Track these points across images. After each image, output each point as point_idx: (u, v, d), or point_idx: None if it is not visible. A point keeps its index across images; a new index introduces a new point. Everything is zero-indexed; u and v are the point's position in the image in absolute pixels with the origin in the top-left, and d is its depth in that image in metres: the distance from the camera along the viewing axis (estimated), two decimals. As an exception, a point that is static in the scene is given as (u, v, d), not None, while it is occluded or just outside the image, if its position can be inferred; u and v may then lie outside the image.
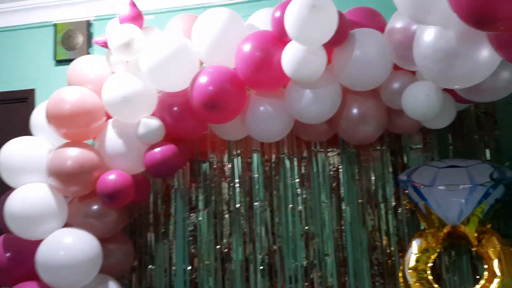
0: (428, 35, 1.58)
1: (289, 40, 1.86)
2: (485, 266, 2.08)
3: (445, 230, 2.15)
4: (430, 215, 2.20)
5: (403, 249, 2.42)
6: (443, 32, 1.53)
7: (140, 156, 2.20)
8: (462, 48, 1.50)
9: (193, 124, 2.24)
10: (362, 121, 2.17)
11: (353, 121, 2.18)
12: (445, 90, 1.96)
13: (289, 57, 1.88)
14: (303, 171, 2.61)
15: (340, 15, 1.84)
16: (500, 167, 2.20)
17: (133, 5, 2.18)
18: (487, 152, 2.45)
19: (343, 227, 2.52)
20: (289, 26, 1.78)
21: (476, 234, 2.10)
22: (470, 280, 2.34)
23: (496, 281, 1.96)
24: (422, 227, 2.38)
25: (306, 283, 2.50)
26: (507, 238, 2.13)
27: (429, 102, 1.87)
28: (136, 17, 2.17)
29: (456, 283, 2.35)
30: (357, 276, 2.46)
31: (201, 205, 2.68)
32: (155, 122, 2.14)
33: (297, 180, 2.60)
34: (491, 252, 2.05)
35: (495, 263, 2.01)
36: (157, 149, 2.16)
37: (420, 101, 1.88)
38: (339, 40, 1.90)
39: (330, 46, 1.92)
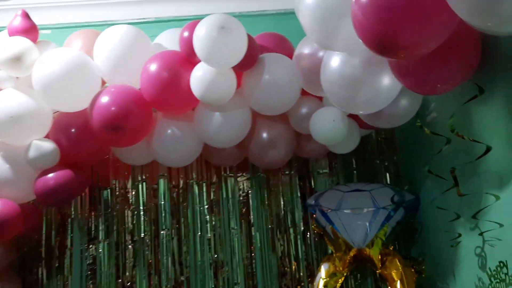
0: (334, 61, 1.61)
1: (198, 61, 1.80)
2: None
3: (351, 254, 2.19)
4: (337, 238, 2.23)
5: (312, 274, 2.42)
6: (348, 59, 1.57)
7: (30, 183, 1.97)
8: (366, 75, 1.56)
9: (93, 148, 2.06)
10: (271, 146, 2.16)
11: (263, 145, 2.16)
12: (350, 116, 2.03)
13: (198, 79, 1.81)
14: (212, 197, 2.53)
15: (250, 39, 1.83)
16: (400, 190, 2.31)
17: (26, 16, 1.98)
18: (388, 176, 2.58)
19: (253, 254, 2.47)
20: (198, 47, 1.72)
21: (379, 257, 2.16)
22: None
23: (400, 301, 2.03)
24: (330, 251, 2.41)
25: (215, 316, 2.39)
26: (407, 259, 2.22)
27: (336, 127, 1.91)
28: (29, 30, 1.97)
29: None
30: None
31: (101, 235, 2.46)
32: (48, 145, 1.93)
33: (206, 206, 2.51)
34: (394, 273, 2.12)
35: (398, 284, 2.08)
36: (50, 175, 1.94)
37: (327, 126, 1.92)
38: (248, 63, 1.88)
39: (240, 69, 1.89)
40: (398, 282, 2.08)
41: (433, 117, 2.05)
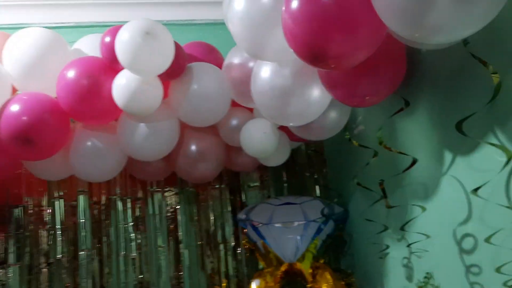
0: (264, 72, 1.57)
1: (121, 68, 1.68)
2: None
3: (283, 268, 2.14)
4: (268, 253, 2.18)
5: (244, 291, 2.35)
6: (279, 69, 1.54)
7: None
8: (297, 86, 1.53)
9: (1, 162, 1.86)
10: (201, 159, 2.07)
11: (191, 158, 2.07)
12: (281, 128, 2.00)
13: (121, 87, 1.69)
14: (137, 213, 2.38)
15: (177, 46, 1.74)
16: (329, 203, 2.31)
17: None
18: (317, 188, 2.58)
19: (181, 273, 2.34)
20: (121, 53, 1.60)
21: (310, 270, 2.14)
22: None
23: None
24: (260, 267, 2.35)
25: None
26: (337, 272, 2.22)
27: (267, 140, 1.87)
28: None
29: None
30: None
31: (11, 258, 2.22)
32: None
33: (131, 223, 2.36)
34: (324, 287, 2.10)
35: (329, 297, 2.06)
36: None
37: (258, 139, 1.87)
38: (176, 72, 1.79)
39: (167, 78, 1.80)
40: (331, 295, 2.06)
41: (361, 130, 2.08)
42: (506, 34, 1.15)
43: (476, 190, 1.22)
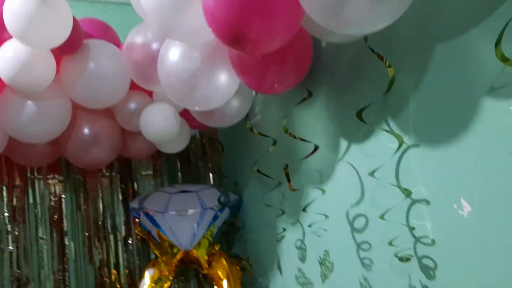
0: (173, 54, 1.53)
1: (9, 37, 1.50)
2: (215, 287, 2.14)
3: (178, 257, 2.11)
4: (163, 242, 2.13)
5: (134, 282, 2.27)
6: (188, 52, 1.51)
7: None
8: (206, 69, 1.52)
9: None
10: (94, 143, 1.94)
11: (84, 142, 1.92)
12: (181, 114, 1.97)
13: (8, 59, 1.50)
14: (15, 202, 2.15)
15: (74, 20, 1.61)
16: (225, 191, 2.34)
17: None
18: (211, 176, 2.60)
19: (66, 266, 2.17)
20: (11, 21, 1.42)
21: (206, 257, 2.14)
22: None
23: (226, 299, 2.04)
24: (153, 257, 2.29)
25: None
26: (232, 257, 2.26)
27: (169, 125, 1.83)
28: None
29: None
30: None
31: None
32: None
33: (7, 214, 2.12)
34: (220, 273, 2.12)
35: (224, 283, 2.09)
36: None
37: (160, 123, 1.82)
38: (72, 47, 1.65)
39: (61, 52, 1.65)
40: (225, 280, 2.09)
41: (257, 120, 2.15)
42: (400, 31, 1.28)
43: (372, 172, 1.34)
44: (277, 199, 1.97)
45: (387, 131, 1.32)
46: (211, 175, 2.60)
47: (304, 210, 1.59)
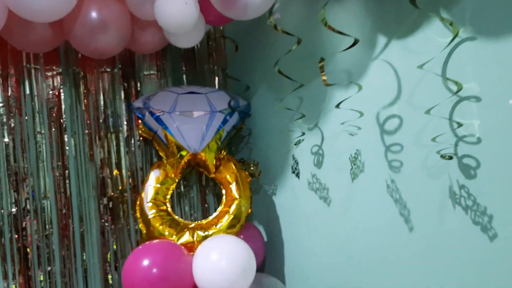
0: None
1: None
2: (223, 191, 2.09)
3: (186, 159, 2.04)
4: (170, 143, 2.04)
5: (136, 184, 2.20)
6: None
7: None
8: None
9: None
10: (102, 29, 1.76)
11: (91, 27, 1.74)
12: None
13: None
14: (10, 93, 1.98)
15: None
16: (234, 95, 2.24)
17: None
18: (217, 80, 2.48)
19: (65, 163, 2.07)
20: None
21: (214, 161, 2.08)
22: (199, 209, 2.34)
23: (235, 203, 2.00)
24: (155, 159, 2.22)
25: (16, 236, 1.95)
26: (240, 162, 2.20)
27: (188, 11, 1.66)
28: None
29: (186, 213, 2.31)
30: (84, 218, 2.08)
31: None
32: None
33: (1, 104, 1.96)
34: (229, 177, 2.07)
35: (233, 187, 2.05)
36: None
37: (178, 9, 1.65)
38: None
39: None
40: (234, 184, 2.05)
41: (277, 18, 2.00)
42: None
43: (419, 67, 1.26)
44: (294, 102, 1.89)
45: (441, 20, 1.23)
46: (216, 78, 2.47)
47: (337, 106, 1.50)
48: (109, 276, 2.11)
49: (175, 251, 1.82)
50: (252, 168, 2.14)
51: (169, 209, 2.02)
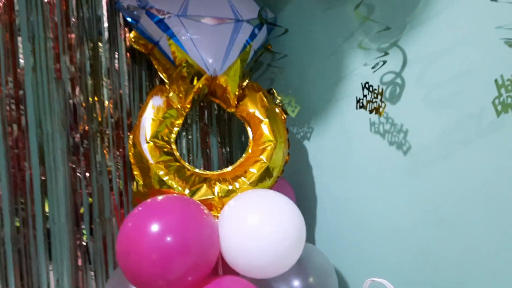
0: None
1: None
2: (250, 132, 1.54)
3: (200, 84, 1.46)
4: (179, 60, 1.44)
5: (121, 115, 1.59)
6: None
7: None
8: None
9: None
10: None
11: None
12: None
13: None
14: None
15: None
16: (260, 2, 1.65)
17: None
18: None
19: (19, 80, 1.40)
20: None
21: (237, 90, 1.52)
22: (200, 154, 1.78)
23: (269, 148, 1.47)
24: (146, 83, 1.61)
25: None
26: (271, 95, 1.65)
27: None
28: None
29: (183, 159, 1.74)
30: (46, 161, 1.44)
31: None
32: None
33: None
34: (259, 112, 1.52)
35: (264, 127, 1.50)
36: None
37: None
38: None
39: None
40: (266, 122, 1.50)
41: None
42: None
43: None
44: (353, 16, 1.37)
45: None
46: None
47: None
48: (83, 242, 1.52)
49: (194, 211, 1.28)
50: (287, 103, 1.59)
51: (176, 153, 1.45)
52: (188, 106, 1.48)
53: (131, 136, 1.46)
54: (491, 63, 1.06)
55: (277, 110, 1.54)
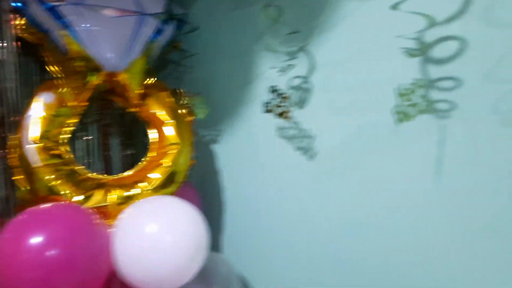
0: None
1: None
2: (153, 132, 1.44)
3: (97, 81, 1.33)
4: (74, 54, 1.30)
5: (5, 112, 1.41)
6: None
7: None
8: None
9: None
10: None
11: None
12: None
13: None
14: None
15: None
16: (167, -3, 1.56)
17: None
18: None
19: None
20: None
21: (140, 89, 1.41)
22: (99, 157, 1.64)
23: (172, 151, 1.37)
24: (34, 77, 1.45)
25: None
26: (176, 94, 1.56)
27: None
28: None
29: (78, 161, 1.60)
30: None
31: None
32: None
33: None
34: (162, 113, 1.43)
35: (169, 128, 1.41)
36: None
37: None
38: None
39: None
40: (170, 124, 1.41)
41: None
42: None
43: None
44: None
45: None
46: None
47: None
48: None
49: (84, 220, 1.15)
50: (193, 103, 1.51)
51: (68, 156, 1.31)
52: (84, 106, 1.35)
53: (15, 136, 1.30)
54: (391, 72, 1.06)
55: (183, 111, 1.46)
